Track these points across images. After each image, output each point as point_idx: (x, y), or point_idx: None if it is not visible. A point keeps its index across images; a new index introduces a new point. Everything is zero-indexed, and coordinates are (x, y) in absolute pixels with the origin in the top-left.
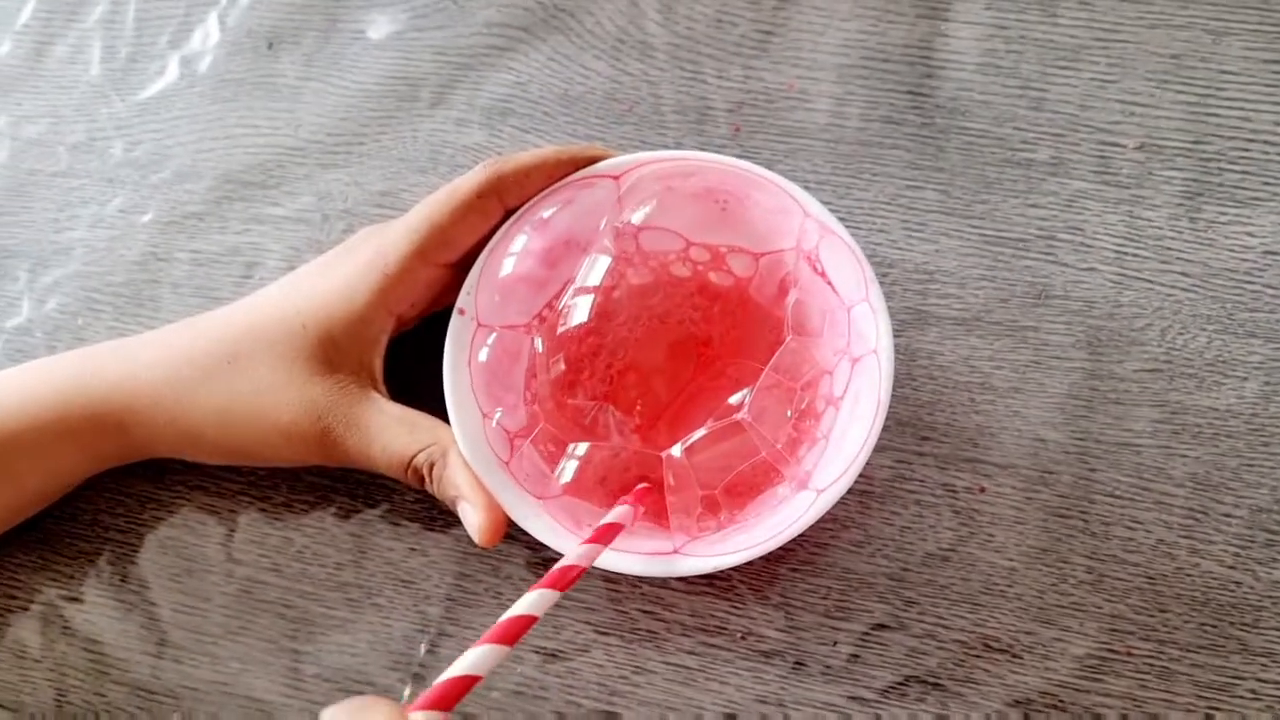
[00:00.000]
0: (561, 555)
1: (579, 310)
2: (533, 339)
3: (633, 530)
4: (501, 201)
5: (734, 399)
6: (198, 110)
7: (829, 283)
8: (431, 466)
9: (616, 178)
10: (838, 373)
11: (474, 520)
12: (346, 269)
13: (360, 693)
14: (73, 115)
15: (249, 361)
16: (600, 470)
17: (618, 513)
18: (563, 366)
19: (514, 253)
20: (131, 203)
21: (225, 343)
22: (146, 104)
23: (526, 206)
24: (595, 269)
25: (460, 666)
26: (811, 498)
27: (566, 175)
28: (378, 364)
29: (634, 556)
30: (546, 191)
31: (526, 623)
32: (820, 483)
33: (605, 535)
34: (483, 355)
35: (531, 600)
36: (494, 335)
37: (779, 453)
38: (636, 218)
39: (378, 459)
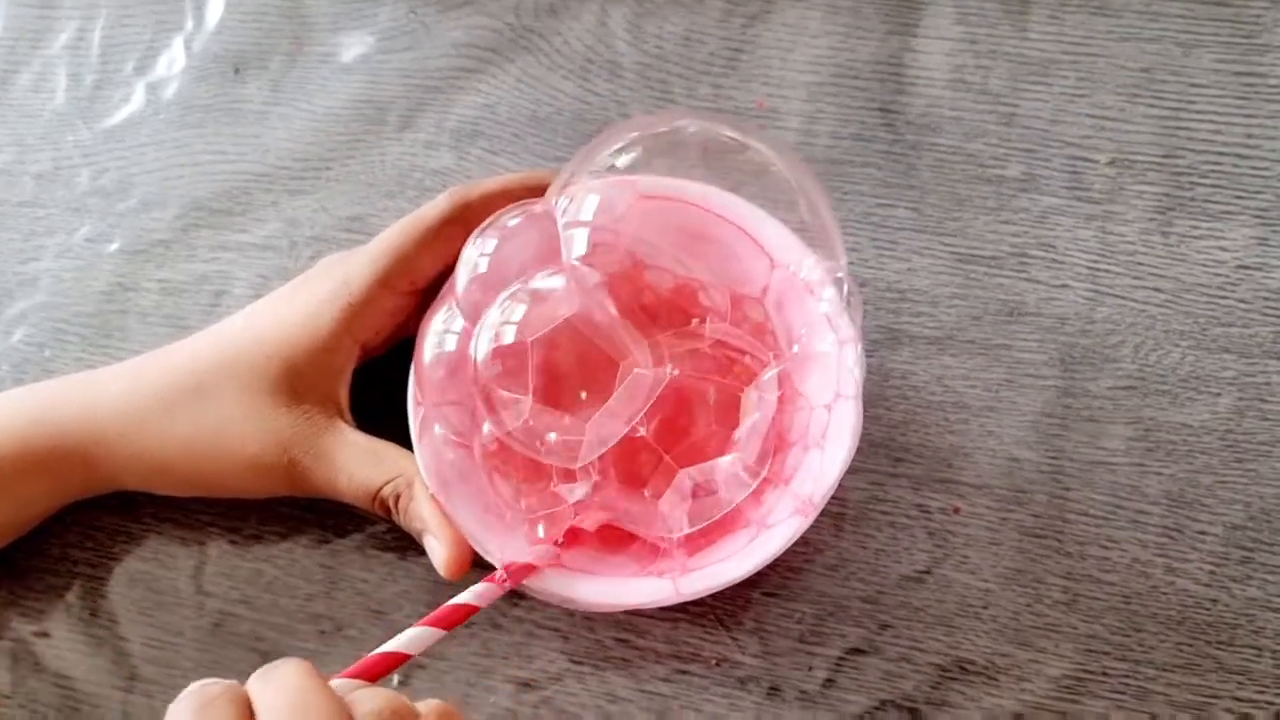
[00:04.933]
0: (524, 590)
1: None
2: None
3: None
4: (466, 228)
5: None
6: (164, 137)
7: (828, 321)
8: (398, 498)
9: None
10: (817, 413)
11: (439, 554)
12: (310, 298)
13: None
14: (38, 144)
15: (214, 393)
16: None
17: (475, 591)
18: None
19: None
20: (98, 232)
21: (190, 374)
22: (112, 131)
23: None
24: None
25: None
26: (798, 521)
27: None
28: (343, 393)
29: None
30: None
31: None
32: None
33: (447, 618)
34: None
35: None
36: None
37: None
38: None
39: (344, 490)
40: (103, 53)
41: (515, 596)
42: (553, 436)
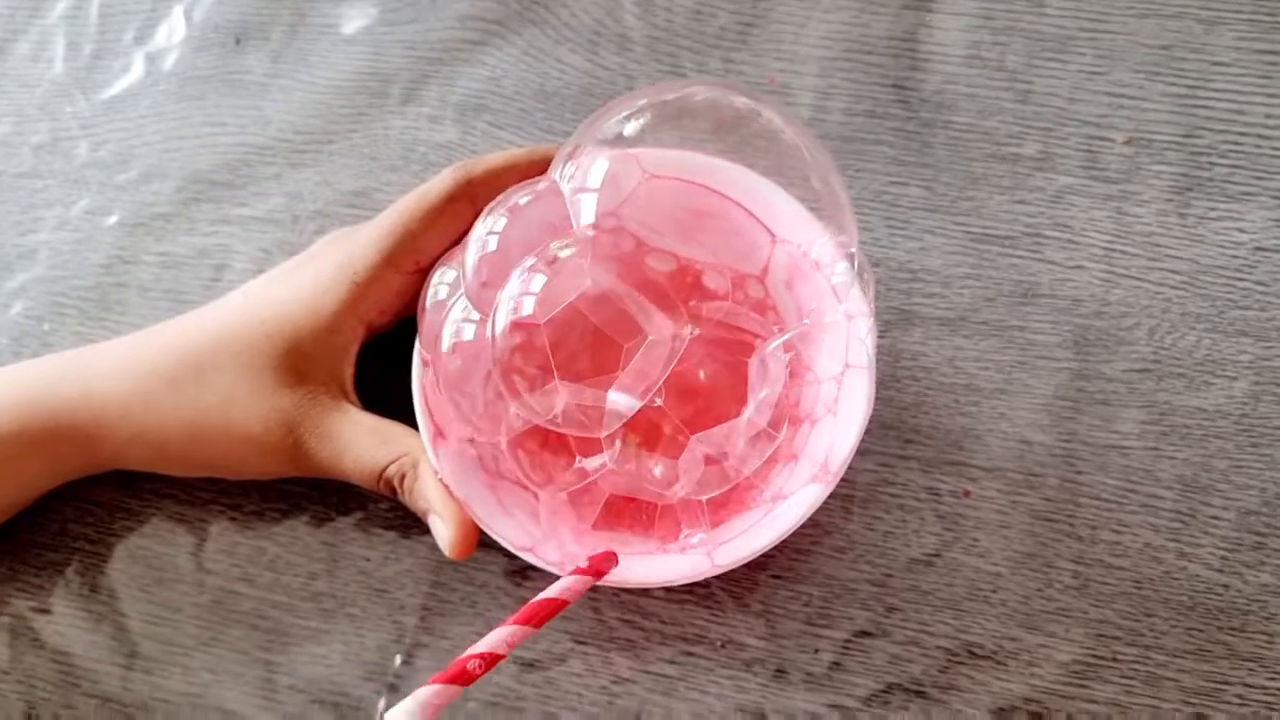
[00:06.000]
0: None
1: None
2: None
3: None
4: (472, 205)
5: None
6: (164, 108)
7: (835, 293)
8: (403, 478)
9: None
10: (827, 386)
11: (444, 534)
12: (313, 277)
13: (335, 704)
14: (36, 114)
15: (215, 373)
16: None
17: (563, 585)
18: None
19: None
20: (97, 204)
21: (192, 352)
22: (111, 102)
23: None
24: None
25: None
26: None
27: (538, 175)
28: (348, 373)
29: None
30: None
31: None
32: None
33: (540, 612)
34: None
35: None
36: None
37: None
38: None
39: (349, 470)
40: (101, 21)
41: (519, 576)
42: (574, 407)
